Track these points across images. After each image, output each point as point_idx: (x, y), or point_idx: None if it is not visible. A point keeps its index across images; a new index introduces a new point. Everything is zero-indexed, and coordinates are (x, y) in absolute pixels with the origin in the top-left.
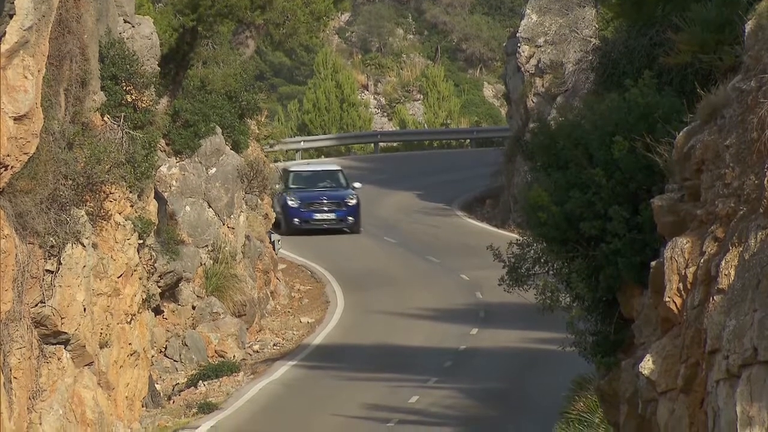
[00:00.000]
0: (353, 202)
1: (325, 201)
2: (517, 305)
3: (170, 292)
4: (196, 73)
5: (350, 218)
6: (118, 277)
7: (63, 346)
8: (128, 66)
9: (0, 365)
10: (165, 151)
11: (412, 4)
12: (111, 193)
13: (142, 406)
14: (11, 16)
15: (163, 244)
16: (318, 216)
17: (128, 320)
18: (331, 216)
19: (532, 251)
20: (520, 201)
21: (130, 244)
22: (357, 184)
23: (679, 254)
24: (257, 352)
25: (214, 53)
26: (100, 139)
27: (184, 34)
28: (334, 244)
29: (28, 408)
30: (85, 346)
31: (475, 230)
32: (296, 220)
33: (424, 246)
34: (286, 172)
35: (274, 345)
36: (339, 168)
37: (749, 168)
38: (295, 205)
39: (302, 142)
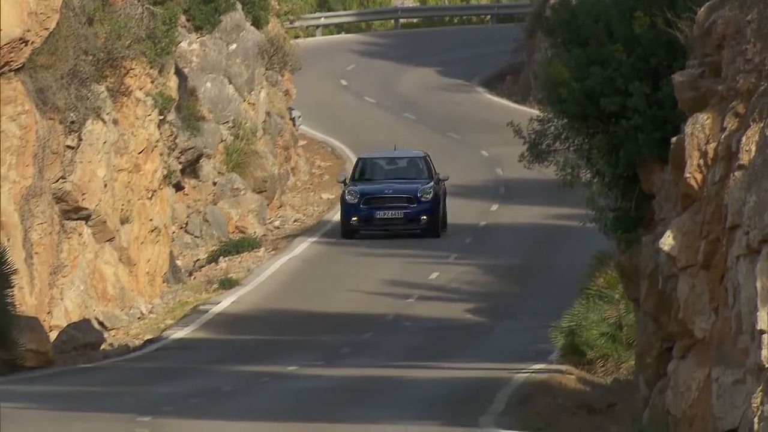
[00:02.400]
0: (428, 197)
1: (389, 195)
2: (538, 181)
3: (191, 168)
4: None
5: (423, 218)
6: (139, 153)
7: (84, 222)
8: None
9: (21, 241)
10: (185, 26)
11: None
12: (131, 69)
13: (163, 282)
14: None
15: (183, 120)
16: (380, 214)
17: (149, 196)
18: (398, 215)
19: (552, 127)
20: (540, 77)
21: (150, 120)
22: (443, 175)
23: (699, 130)
24: (278, 228)
25: None
26: (120, 15)
27: None
28: (354, 120)
29: (49, 283)
30: (105, 221)
31: (495, 106)
32: (354, 219)
33: (444, 122)
34: (356, 160)
35: (294, 221)
36: (424, 154)
37: None
38: (353, 201)
39: (322, 18)
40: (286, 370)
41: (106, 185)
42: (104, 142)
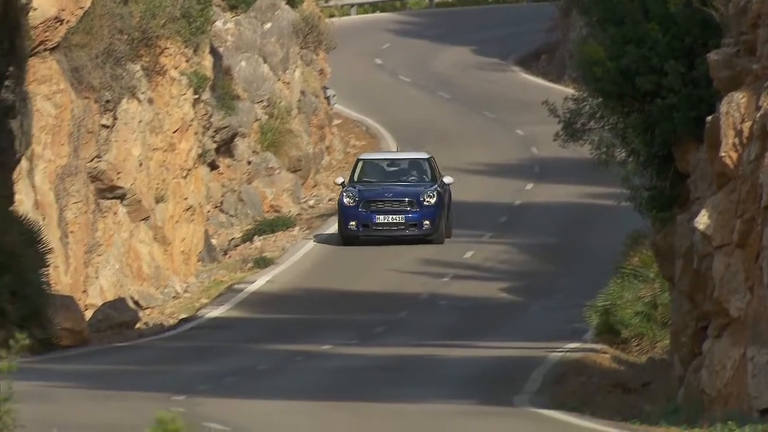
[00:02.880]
0: (432, 200)
1: (390, 198)
2: (573, 160)
3: (226, 147)
4: None
5: (426, 223)
6: (174, 132)
7: (119, 201)
8: None
9: (56, 220)
10: (220, 5)
11: None
12: (166, 48)
13: (198, 261)
14: None
15: (218, 100)
16: (380, 219)
17: (184, 175)
18: (399, 219)
19: (587, 106)
20: (575, 56)
21: (185, 99)
22: (448, 179)
23: (735, 109)
24: (312, 207)
25: None
26: None
27: None
28: (388, 99)
29: (84, 262)
30: (141, 200)
31: (530, 85)
32: (352, 223)
33: (479, 101)
34: (355, 161)
35: (329, 200)
36: (428, 156)
37: None
38: (351, 204)
39: None
40: (321, 349)
41: (141, 164)
42: (139, 121)
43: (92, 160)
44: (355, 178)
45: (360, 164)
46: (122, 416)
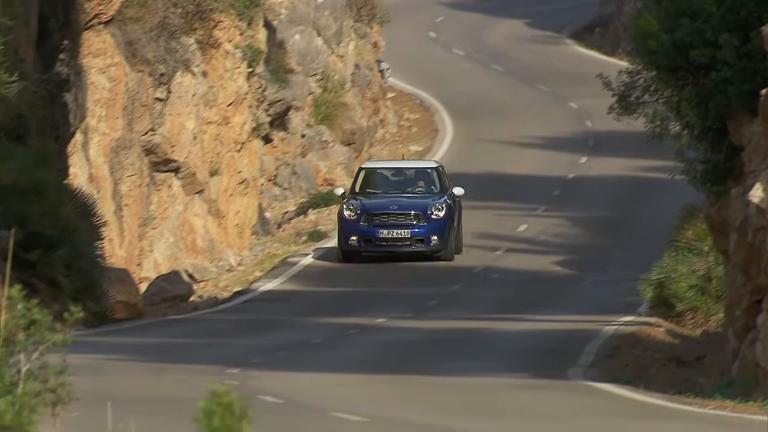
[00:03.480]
0: (440, 214)
1: (395, 211)
2: (627, 134)
3: (279, 121)
4: None
5: (434, 238)
6: (228, 106)
7: (173, 174)
8: None
9: (111, 193)
10: None
11: None
12: (220, 22)
13: (252, 234)
14: None
15: (272, 73)
16: (384, 233)
17: (238, 148)
18: (404, 234)
19: (641, 79)
20: (629, 29)
21: (239, 72)
22: (458, 190)
23: None
24: None
25: None
26: None
27: None
28: (442, 72)
29: (138, 236)
30: (195, 174)
31: (584, 58)
32: (353, 238)
33: (533, 74)
34: (358, 170)
35: None
36: (436, 165)
37: None
38: (352, 217)
39: None
40: (374, 323)
41: (195, 137)
42: (193, 95)
43: (146, 133)
44: (357, 189)
45: (362, 174)
46: (176, 389)
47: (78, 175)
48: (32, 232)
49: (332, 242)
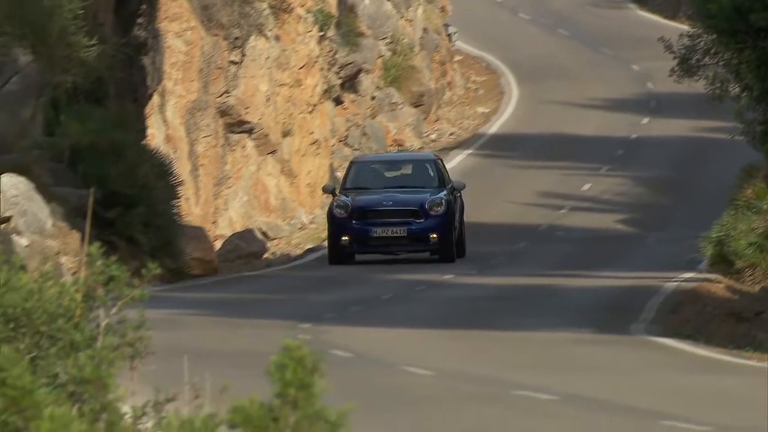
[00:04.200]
0: (440, 209)
1: (389, 208)
2: (687, 95)
3: (350, 83)
4: None
5: (433, 236)
6: (300, 68)
7: (247, 135)
8: None
9: (187, 153)
10: None
11: None
12: None
13: (324, 193)
14: None
15: (342, 37)
16: (378, 232)
17: (310, 110)
18: (400, 232)
19: (702, 42)
20: None
21: (311, 36)
22: (459, 184)
23: None
24: (434, 141)
25: None
26: None
27: None
28: (508, 36)
29: (214, 195)
30: (268, 134)
31: (646, 22)
32: (345, 238)
33: (596, 38)
34: (349, 164)
35: (450, 134)
36: (434, 157)
37: None
38: (343, 215)
39: None
40: (442, 279)
41: (268, 99)
42: (266, 58)
43: (221, 95)
44: (348, 185)
45: (353, 168)
46: (250, 343)
47: (155, 136)
48: (111, 192)
49: None
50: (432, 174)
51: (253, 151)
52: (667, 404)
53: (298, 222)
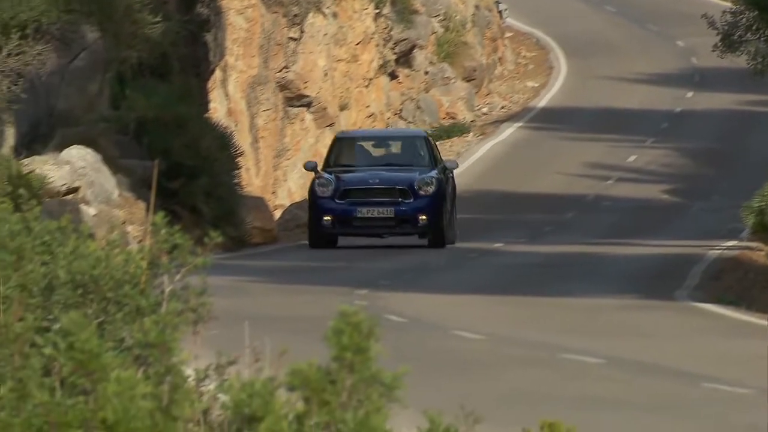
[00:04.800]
0: (430, 190)
1: (376, 186)
2: (730, 70)
3: (404, 59)
4: None
5: (422, 218)
6: (356, 45)
7: (306, 108)
8: None
9: (248, 126)
10: None
11: None
12: None
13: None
14: None
15: (397, 14)
16: (363, 212)
17: (366, 84)
18: (387, 213)
19: (744, 19)
20: None
21: (367, 13)
22: (451, 163)
23: None
24: (485, 114)
25: None
26: None
27: None
28: (558, 13)
29: (273, 166)
30: (326, 108)
31: None
32: (327, 218)
33: (642, 14)
34: (333, 140)
35: (501, 108)
36: (424, 134)
37: None
38: (326, 194)
39: None
40: (493, 247)
41: (326, 74)
42: (324, 34)
43: (281, 70)
44: (332, 162)
45: (337, 144)
46: (309, 309)
47: (217, 110)
48: (175, 163)
49: (455, 171)
50: (422, 152)
51: (312, 124)
52: (709, 368)
53: None
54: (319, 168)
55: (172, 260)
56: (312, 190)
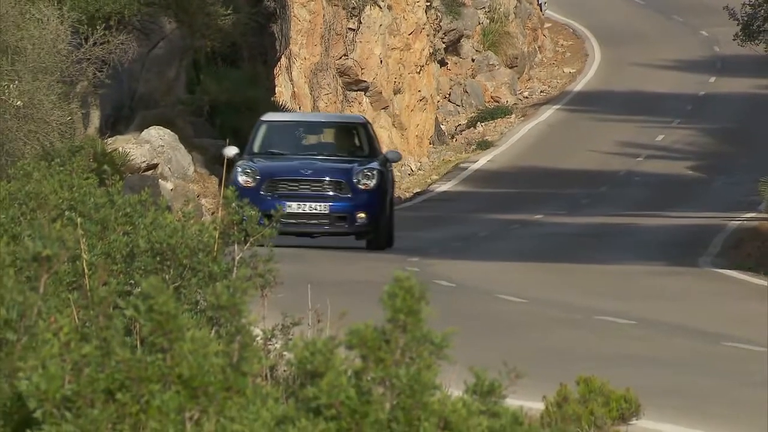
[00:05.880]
0: (370, 183)
1: (308, 177)
2: (750, 57)
3: (453, 47)
4: None
5: (361, 216)
6: (409, 34)
7: (363, 93)
8: None
9: (311, 109)
10: None
11: None
12: None
13: (429, 144)
14: None
15: (446, 6)
16: (293, 207)
17: (417, 71)
18: (320, 209)
19: (762, 10)
20: None
21: (419, 5)
22: (393, 154)
23: None
24: (526, 97)
25: None
26: None
27: None
28: (592, 5)
29: None
30: (381, 92)
31: None
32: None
33: (669, 6)
34: (256, 124)
35: (540, 92)
36: (363, 120)
37: None
38: (250, 184)
39: None
40: (534, 218)
41: (381, 61)
42: (380, 25)
43: (340, 58)
44: (255, 149)
45: (262, 129)
46: (366, 274)
47: (283, 94)
48: (244, 143)
49: (499, 149)
50: (360, 141)
51: (368, 106)
52: (729, 328)
53: (408, 169)
54: (241, 155)
55: (242, 231)
56: (234, 180)
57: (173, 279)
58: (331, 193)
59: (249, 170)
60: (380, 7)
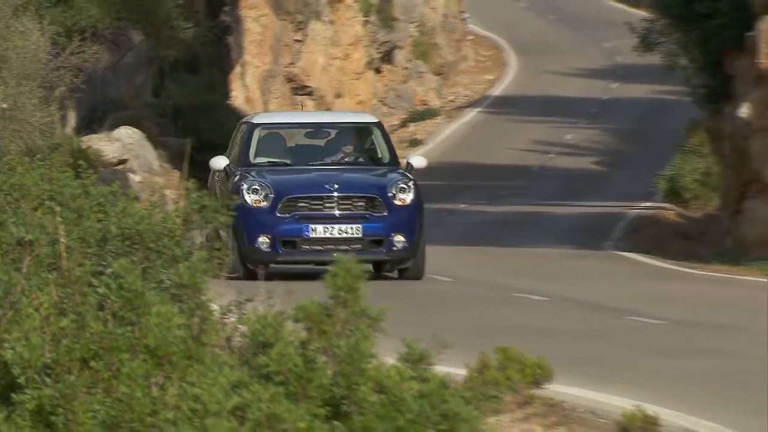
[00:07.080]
0: (407, 199)
1: (335, 194)
2: (647, 66)
3: (387, 57)
4: None
5: (399, 239)
6: (349, 45)
7: (308, 96)
8: None
9: (262, 111)
10: None
11: None
12: None
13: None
14: None
15: (381, 21)
16: (319, 231)
17: (356, 77)
18: (352, 231)
19: (658, 25)
20: None
21: (357, 20)
22: (417, 160)
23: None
24: (452, 101)
25: None
26: None
27: None
28: (509, 20)
29: None
30: (324, 96)
31: (615, 9)
32: (263, 240)
33: (577, 21)
34: (247, 127)
35: (464, 96)
36: (374, 120)
37: None
38: (264, 204)
39: None
40: (459, 207)
41: (324, 69)
42: (323, 37)
43: (288, 66)
44: (252, 158)
45: (257, 133)
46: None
47: (237, 98)
48: (204, 141)
49: (428, 147)
50: (378, 145)
51: (313, 108)
52: (631, 303)
53: None
54: (233, 165)
55: (202, 218)
56: (242, 202)
57: (141, 261)
58: (363, 213)
59: (258, 187)
60: (323, 22)
